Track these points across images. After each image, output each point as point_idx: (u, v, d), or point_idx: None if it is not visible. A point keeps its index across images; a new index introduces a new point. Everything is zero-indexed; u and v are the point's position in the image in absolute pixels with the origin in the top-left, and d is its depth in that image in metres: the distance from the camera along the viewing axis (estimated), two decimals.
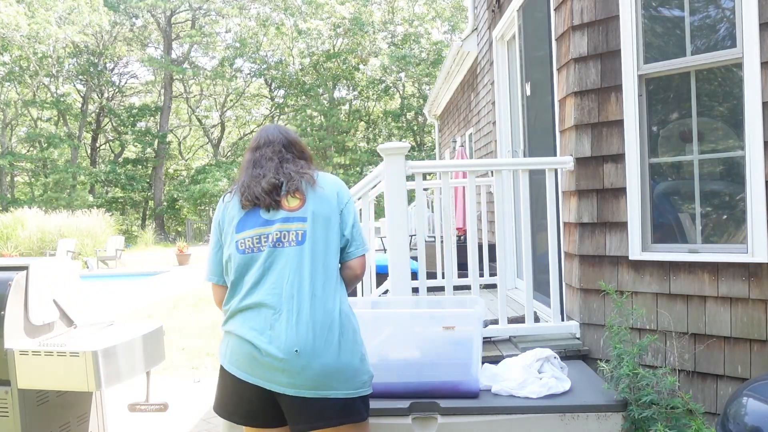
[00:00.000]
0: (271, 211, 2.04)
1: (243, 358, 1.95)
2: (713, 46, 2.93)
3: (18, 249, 18.85)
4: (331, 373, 1.91)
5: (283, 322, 1.92)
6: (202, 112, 37.16)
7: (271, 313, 1.94)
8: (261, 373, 1.92)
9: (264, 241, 2.01)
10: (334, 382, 1.91)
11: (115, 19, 31.12)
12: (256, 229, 2.03)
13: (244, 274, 2.02)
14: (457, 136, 10.08)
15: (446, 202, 3.67)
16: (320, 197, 2.07)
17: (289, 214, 2.03)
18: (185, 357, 6.31)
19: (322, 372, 1.90)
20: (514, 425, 2.60)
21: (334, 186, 2.14)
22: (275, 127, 2.29)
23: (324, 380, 1.90)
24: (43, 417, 3.11)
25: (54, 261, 3.44)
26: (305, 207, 2.04)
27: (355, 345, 1.99)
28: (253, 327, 1.95)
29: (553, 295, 3.46)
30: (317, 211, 2.04)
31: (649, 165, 3.15)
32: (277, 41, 33.53)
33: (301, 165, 2.16)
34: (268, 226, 2.03)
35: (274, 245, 2.00)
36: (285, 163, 2.13)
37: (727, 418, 2.06)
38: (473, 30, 7.58)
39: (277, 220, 2.03)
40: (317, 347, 1.90)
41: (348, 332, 1.98)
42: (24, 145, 33.02)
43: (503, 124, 5.41)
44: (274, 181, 2.06)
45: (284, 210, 2.04)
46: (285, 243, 2.00)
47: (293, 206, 2.04)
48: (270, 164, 2.12)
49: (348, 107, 34.42)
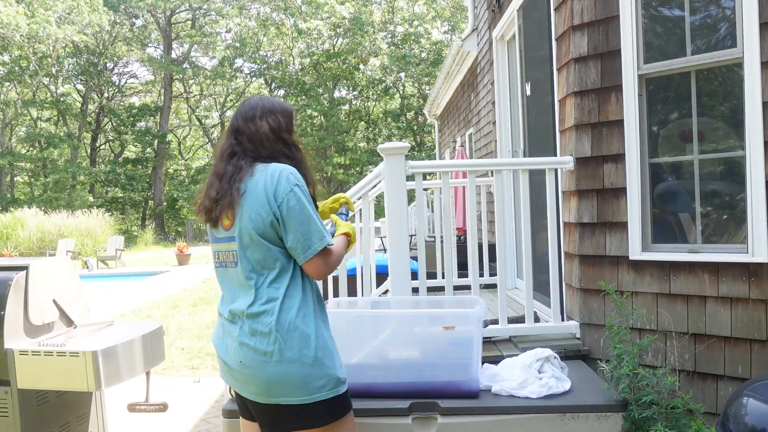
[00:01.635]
0: (217, 229, 2.04)
1: (219, 363, 2.09)
2: (713, 46, 2.93)
3: (18, 249, 18.87)
4: (278, 382, 1.90)
5: (232, 334, 1.98)
6: (202, 112, 37.18)
7: (227, 324, 2.01)
8: (228, 378, 2.05)
9: (218, 258, 2.07)
10: (282, 389, 1.91)
11: (114, 19, 31.13)
12: (215, 245, 2.09)
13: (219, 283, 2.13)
14: (457, 136, 10.08)
15: (446, 202, 3.67)
16: (250, 208, 1.93)
17: (225, 233, 2.00)
18: (185, 357, 6.31)
19: (268, 381, 1.91)
20: (514, 425, 2.59)
21: (266, 186, 1.93)
22: (242, 105, 2.12)
23: (272, 388, 1.91)
24: (42, 417, 3.10)
25: (54, 261, 3.43)
26: (234, 226, 1.97)
27: (302, 351, 1.90)
28: (217, 335, 2.07)
29: (553, 295, 3.46)
30: (244, 229, 1.94)
31: (649, 165, 3.14)
32: (277, 41, 33.54)
33: (240, 166, 1.98)
34: (217, 243, 2.06)
35: (222, 264, 2.05)
36: (231, 162, 2.01)
37: (727, 418, 2.06)
38: (473, 30, 7.58)
39: (220, 239, 2.04)
40: (257, 358, 1.91)
41: (292, 340, 1.90)
42: (24, 145, 33.03)
43: (503, 124, 5.41)
44: (213, 195, 1.99)
45: (222, 229, 2.01)
46: (228, 264, 2.02)
47: (226, 225, 1.99)
48: (220, 165, 2.03)
49: (348, 107, 34.42)
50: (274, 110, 2.07)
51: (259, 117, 2.04)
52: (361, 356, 2.79)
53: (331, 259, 2.01)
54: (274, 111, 2.07)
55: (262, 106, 2.07)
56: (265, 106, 2.07)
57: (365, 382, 2.74)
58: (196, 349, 6.59)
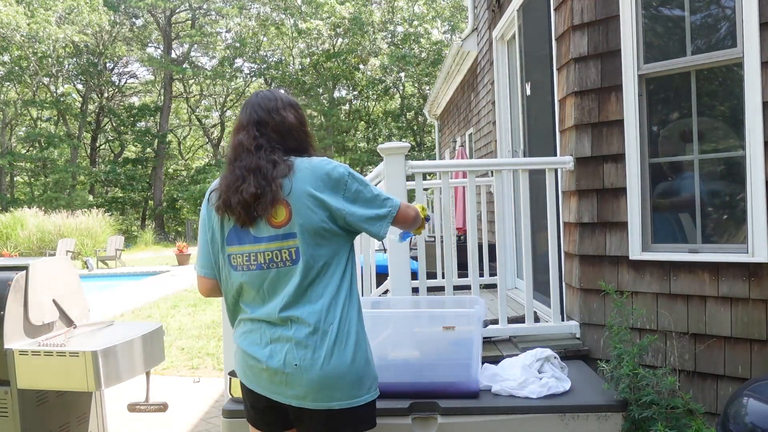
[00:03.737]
0: (255, 227, 1.87)
1: (249, 370, 1.92)
2: (713, 46, 2.93)
3: (18, 249, 18.87)
4: (332, 384, 1.82)
5: (285, 336, 1.85)
6: (202, 112, 37.17)
7: (273, 328, 1.87)
8: (266, 385, 1.88)
9: (254, 260, 1.88)
10: (335, 391, 1.82)
11: (115, 19, 31.13)
12: (246, 246, 1.89)
13: (241, 291, 1.94)
14: (457, 136, 10.08)
15: (446, 202, 3.67)
16: (306, 202, 1.84)
17: (275, 231, 1.85)
18: (185, 357, 6.31)
19: (322, 382, 1.81)
20: (514, 425, 2.59)
21: (319, 179, 1.86)
22: (256, 97, 2.00)
23: (325, 390, 1.82)
24: (42, 417, 3.10)
25: (54, 261, 3.43)
26: (292, 221, 1.83)
27: (359, 351, 1.87)
28: (254, 341, 1.90)
29: (553, 295, 3.46)
30: (306, 224, 1.83)
31: (649, 165, 3.14)
32: (277, 41, 33.53)
33: (274, 160, 1.87)
34: (257, 243, 1.87)
35: (264, 266, 1.87)
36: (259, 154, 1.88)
37: (727, 418, 2.06)
38: (473, 30, 7.57)
39: (263, 239, 1.86)
40: (316, 359, 1.81)
41: (350, 338, 1.86)
42: (24, 145, 33.03)
43: (503, 124, 5.41)
44: (251, 190, 1.83)
45: (269, 227, 1.85)
46: (276, 264, 1.85)
47: (278, 222, 1.84)
48: (249, 159, 1.88)
49: (348, 107, 34.42)
50: (293, 103, 2.02)
51: (282, 108, 1.97)
52: None
53: (411, 207, 2.06)
54: (293, 104, 2.02)
55: (281, 98, 2.00)
56: (284, 99, 2.01)
57: None
58: (196, 349, 6.59)
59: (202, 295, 2.09)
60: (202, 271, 2.02)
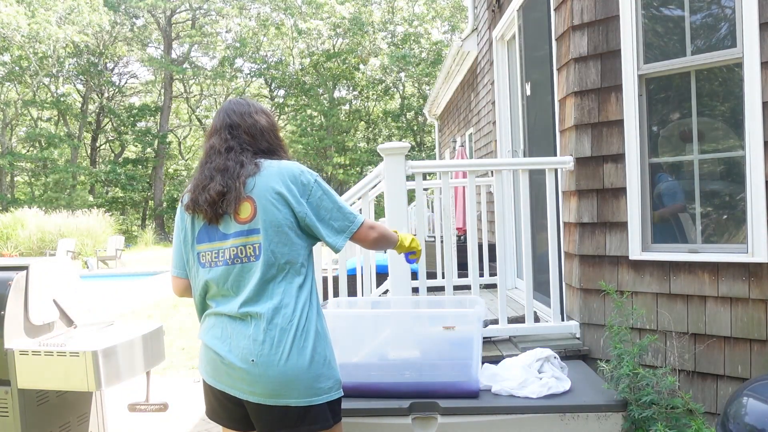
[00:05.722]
0: (223, 224, 1.94)
1: (209, 364, 1.98)
2: (713, 46, 2.93)
3: (18, 249, 18.86)
4: (289, 382, 1.86)
5: (244, 332, 1.90)
6: (202, 112, 37.15)
7: (234, 322, 1.92)
8: (225, 380, 1.93)
9: (221, 256, 1.95)
10: (292, 390, 1.86)
11: (115, 19, 31.11)
12: (216, 243, 1.96)
13: (207, 288, 1.99)
14: (457, 136, 10.07)
15: (446, 202, 3.67)
16: (271, 200, 1.91)
17: (240, 227, 1.92)
18: (185, 357, 6.31)
19: (279, 380, 1.85)
20: (514, 425, 2.60)
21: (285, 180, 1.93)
22: (228, 103, 2.10)
23: (282, 388, 1.86)
24: (43, 417, 3.10)
25: (54, 261, 3.43)
26: (256, 218, 1.90)
27: (317, 350, 1.91)
28: (215, 335, 1.95)
29: (553, 295, 3.46)
30: (269, 222, 1.90)
31: (649, 165, 3.15)
32: (277, 41, 33.51)
33: (242, 161, 1.96)
34: (224, 240, 1.95)
35: (230, 261, 1.93)
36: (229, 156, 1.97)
37: (727, 418, 2.06)
38: (473, 30, 7.58)
39: (230, 235, 1.93)
40: (273, 356, 1.85)
41: (309, 338, 1.90)
42: (24, 145, 33.00)
43: (503, 124, 5.41)
44: (218, 188, 1.91)
45: (235, 222, 1.93)
46: (241, 259, 1.92)
47: (243, 218, 1.92)
48: (218, 160, 1.97)
49: (348, 107, 34.41)
50: (264, 110, 2.13)
51: (254, 112, 2.07)
52: (361, 356, 2.80)
53: (377, 228, 2.09)
54: (264, 110, 2.12)
55: (252, 104, 2.11)
56: (256, 105, 2.12)
57: (365, 381, 2.74)
58: (196, 349, 6.59)
59: (176, 294, 2.16)
60: (175, 271, 2.10)
